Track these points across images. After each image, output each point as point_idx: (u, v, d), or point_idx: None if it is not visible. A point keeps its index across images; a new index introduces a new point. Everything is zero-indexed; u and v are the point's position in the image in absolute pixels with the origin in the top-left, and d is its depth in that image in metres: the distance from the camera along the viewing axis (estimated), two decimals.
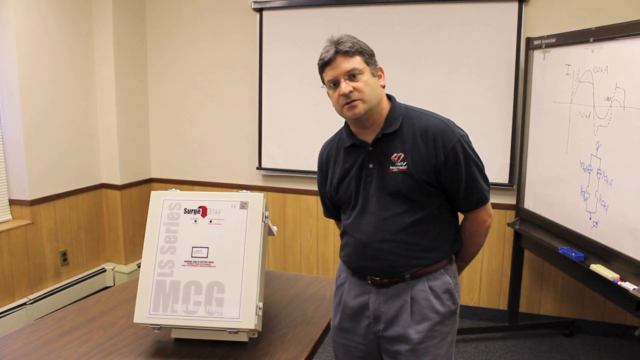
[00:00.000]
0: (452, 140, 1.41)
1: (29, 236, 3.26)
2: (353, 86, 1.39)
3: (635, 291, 2.00)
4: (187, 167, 3.95)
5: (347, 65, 1.39)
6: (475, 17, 3.11)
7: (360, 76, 1.39)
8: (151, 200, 1.55)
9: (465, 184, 1.44)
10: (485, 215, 1.52)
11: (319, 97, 3.45)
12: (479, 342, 3.09)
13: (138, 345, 1.50)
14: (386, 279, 1.46)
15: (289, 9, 3.47)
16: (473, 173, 1.45)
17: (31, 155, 3.23)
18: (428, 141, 1.41)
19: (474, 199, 1.48)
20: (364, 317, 1.51)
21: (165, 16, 3.83)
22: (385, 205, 1.44)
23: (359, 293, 1.52)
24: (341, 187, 1.52)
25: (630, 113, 2.10)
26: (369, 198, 1.46)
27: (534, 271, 3.27)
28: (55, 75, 3.37)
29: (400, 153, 1.43)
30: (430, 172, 1.41)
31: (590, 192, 2.36)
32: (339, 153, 1.55)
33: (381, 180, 1.44)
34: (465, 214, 1.53)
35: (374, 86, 1.42)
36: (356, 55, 1.40)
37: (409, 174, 1.41)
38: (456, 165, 1.42)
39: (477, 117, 3.16)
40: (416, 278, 1.45)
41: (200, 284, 1.45)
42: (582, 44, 2.44)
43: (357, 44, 1.41)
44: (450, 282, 1.48)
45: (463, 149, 1.42)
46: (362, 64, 1.40)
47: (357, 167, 1.48)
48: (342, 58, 1.39)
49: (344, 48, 1.39)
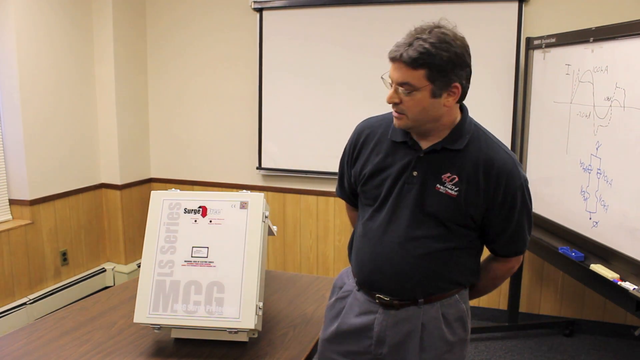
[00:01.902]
0: (515, 182, 1.28)
1: (29, 236, 3.26)
2: (401, 99, 1.23)
3: (635, 291, 2.00)
4: (187, 167, 3.94)
5: (402, 77, 1.21)
6: (475, 17, 3.11)
7: (415, 93, 1.21)
8: (151, 200, 1.55)
9: (511, 231, 1.33)
10: (516, 262, 1.42)
11: (320, 97, 3.45)
12: (479, 342, 3.08)
13: (138, 345, 1.50)
14: (397, 300, 1.34)
15: (289, 8, 3.47)
16: (523, 222, 1.33)
17: (31, 155, 3.23)
18: (490, 175, 1.27)
19: (514, 247, 1.37)
20: (365, 338, 1.38)
21: (165, 16, 3.83)
22: (418, 223, 1.31)
23: (364, 311, 1.39)
24: (372, 181, 1.37)
25: (630, 113, 2.09)
26: (400, 207, 1.32)
27: (534, 271, 3.27)
28: (55, 75, 3.37)
29: (454, 175, 1.28)
30: (481, 208, 1.28)
31: (590, 192, 2.35)
32: (383, 142, 1.37)
33: (422, 194, 1.30)
34: (497, 256, 1.43)
35: (428, 107, 1.23)
36: (420, 69, 1.18)
37: (457, 201, 1.27)
38: (510, 211, 1.30)
39: (477, 117, 3.14)
40: (429, 303, 1.34)
41: (200, 283, 1.44)
42: (582, 43, 2.44)
43: (428, 55, 1.17)
44: (464, 310, 1.37)
45: (522, 196, 1.30)
46: (422, 81, 1.19)
47: (399, 167, 1.32)
48: (403, 66, 1.20)
49: (409, 56, 1.18)
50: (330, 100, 3.42)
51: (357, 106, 3.35)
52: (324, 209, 3.57)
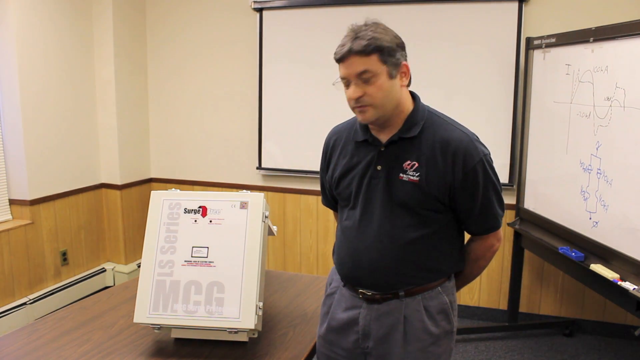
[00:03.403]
0: (474, 158, 1.30)
1: (29, 236, 3.26)
2: (364, 90, 1.26)
3: (635, 291, 2.00)
4: (187, 167, 3.94)
5: (359, 67, 1.24)
6: (475, 17, 3.11)
7: (373, 79, 1.25)
8: (151, 200, 1.55)
9: (480, 208, 1.34)
10: (494, 239, 1.43)
11: (319, 97, 3.45)
12: (479, 342, 3.09)
13: (138, 345, 1.50)
14: (378, 294, 1.37)
15: (289, 9, 3.47)
16: (490, 197, 1.34)
17: (31, 155, 3.23)
18: (447, 155, 1.29)
19: (486, 224, 1.39)
20: (352, 332, 1.41)
21: (165, 16, 3.83)
22: (390, 215, 1.33)
23: (349, 306, 1.42)
24: (342, 183, 1.42)
25: (630, 113, 2.10)
26: (371, 203, 1.36)
27: (534, 271, 3.27)
28: (55, 75, 3.37)
29: (414, 162, 1.31)
30: (444, 189, 1.30)
31: (590, 192, 2.35)
32: (348, 144, 1.43)
33: (389, 186, 1.33)
34: (473, 236, 1.45)
35: (389, 90, 1.28)
36: (372, 54, 1.24)
37: (420, 186, 1.30)
38: (474, 187, 1.31)
39: (477, 117, 3.16)
40: (411, 296, 1.36)
41: (200, 283, 1.45)
42: (582, 43, 2.44)
43: (376, 40, 1.24)
44: (446, 302, 1.38)
45: (484, 170, 1.32)
46: (377, 65, 1.25)
47: (363, 165, 1.37)
48: (356, 57, 1.24)
49: (357, 47, 1.23)
50: (330, 100, 3.41)
51: None
52: (324, 209, 3.57)
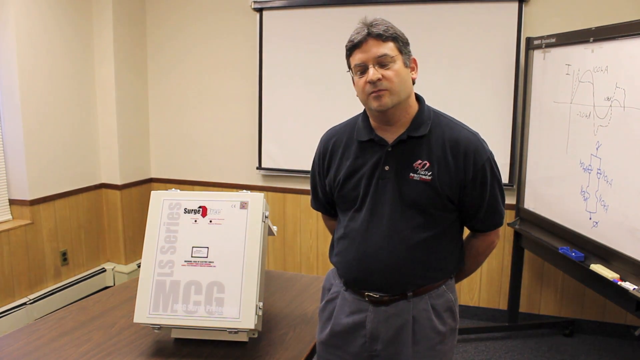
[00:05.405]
0: (482, 157, 1.33)
1: (29, 236, 3.26)
2: (382, 74, 1.26)
3: (635, 291, 2.00)
4: (187, 167, 3.95)
5: (378, 50, 1.26)
6: (475, 17, 3.11)
7: (392, 64, 1.27)
8: (151, 200, 1.55)
9: (487, 205, 1.38)
10: (495, 236, 1.47)
11: (320, 97, 3.45)
12: (479, 342, 3.08)
13: (138, 345, 1.50)
14: (387, 296, 1.36)
15: (289, 9, 3.47)
16: (496, 194, 1.38)
17: (31, 155, 3.23)
18: (458, 155, 1.31)
19: (491, 221, 1.42)
20: (359, 336, 1.40)
21: (165, 16, 3.83)
22: (399, 215, 1.33)
23: (354, 310, 1.40)
24: (348, 185, 1.39)
25: (630, 113, 2.10)
26: (380, 204, 1.34)
27: (534, 271, 3.27)
28: (55, 76, 3.37)
29: (425, 161, 1.31)
30: (456, 188, 1.32)
31: (590, 192, 2.35)
32: (350, 146, 1.41)
33: (398, 186, 1.32)
34: (476, 233, 1.47)
35: (405, 78, 1.30)
36: (390, 41, 1.27)
37: (432, 185, 1.30)
38: (483, 184, 1.34)
39: (477, 117, 3.16)
40: (418, 295, 1.36)
41: (200, 283, 1.45)
42: (582, 43, 2.44)
43: (391, 28, 1.29)
44: (451, 300, 1.41)
45: (491, 169, 1.35)
46: (395, 51, 1.28)
47: (370, 165, 1.35)
48: (374, 41, 1.27)
49: (377, 30, 1.26)
50: (330, 100, 3.41)
51: (357, 106, 3.34)
52: None
